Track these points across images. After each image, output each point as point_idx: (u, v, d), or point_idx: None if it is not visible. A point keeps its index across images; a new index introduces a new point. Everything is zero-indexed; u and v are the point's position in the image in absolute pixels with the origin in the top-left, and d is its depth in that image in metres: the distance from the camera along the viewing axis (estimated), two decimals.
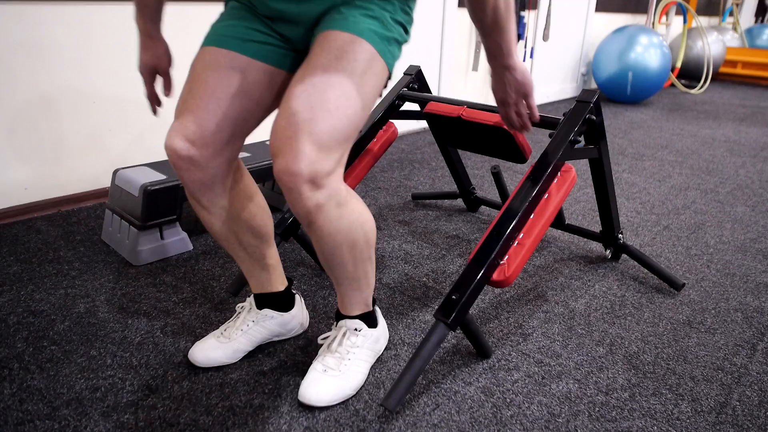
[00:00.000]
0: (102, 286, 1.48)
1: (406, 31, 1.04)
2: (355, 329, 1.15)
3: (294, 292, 1.27)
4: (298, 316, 1.27)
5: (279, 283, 1.22)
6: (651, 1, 4.86)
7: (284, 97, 0.92)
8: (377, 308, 1.23)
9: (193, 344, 1.25)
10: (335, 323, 1.18)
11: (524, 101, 1.11)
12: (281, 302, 1.23)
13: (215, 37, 1.00)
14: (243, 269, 1.19)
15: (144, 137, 2.13)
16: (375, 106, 1.79)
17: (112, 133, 2.04)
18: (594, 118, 1.32)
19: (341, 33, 0.93)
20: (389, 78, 1.04)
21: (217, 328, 1.30)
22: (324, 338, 1.19)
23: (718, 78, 6.10)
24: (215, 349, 1.17)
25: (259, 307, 1.22)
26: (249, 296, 1.38)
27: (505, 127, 1.39)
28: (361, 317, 1.16)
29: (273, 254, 1.19)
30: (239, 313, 1.23)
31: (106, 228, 1.73)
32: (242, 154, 1.88)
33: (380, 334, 1.21)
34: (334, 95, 0.89)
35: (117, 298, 1.42)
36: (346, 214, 0.96)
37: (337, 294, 1.14)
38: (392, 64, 1.01)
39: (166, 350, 1.22)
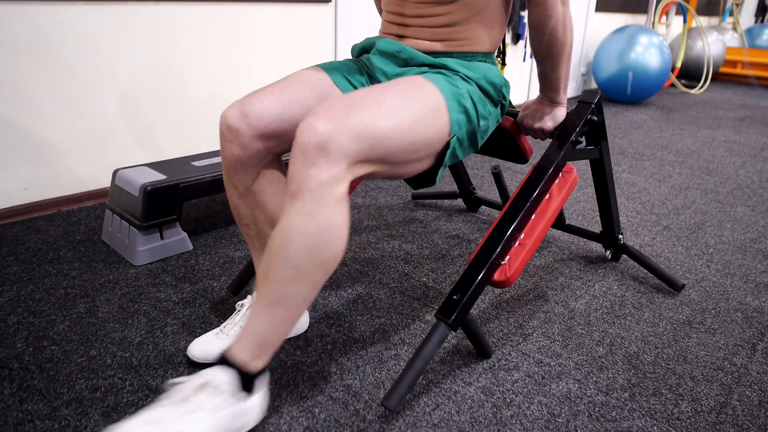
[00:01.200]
0: (102, 286, 1.48)
1: (480, 119, 1.11)
2: (220, 386, 0.88)
3: None
4: None
5: None
6: (651, 1, 4.86)
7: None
8: (267, 377, 1.04)
9: None
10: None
11: (543, 132, 1.31)
12: None
13: (325, 64, 1.15)
14: (254, 260, 1.19)
15: (144, 137, 2.13)
16: None
17: (112, 133, 2.04)
18: (595, 118, 1.32)
19: (414, 76, 1.02)
20: (449, 147, 1.05)
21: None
22: (176, 383, 0.91)
23: (719, 78, 6.10)
24: (213, 344, 1.17)
25: None
26: (250, 294, 1.37)
27: (507, 127, 1.39)
28: (241, 371, 0.90)
29: None
30: (239, 310, 1.24)
31: (106, 228, 1.73)
32: None
33: (249, 410, 0.92)
34: (382, 97, 0.93)
35: (117, 298, 1.42)
36: (324, 217, 0.86)
37: (245, 323, 0.93)
38: (455, 127, 1.04)
39: (167, 350, 1.22)
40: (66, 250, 1.67)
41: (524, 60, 3.90)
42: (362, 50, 1.21)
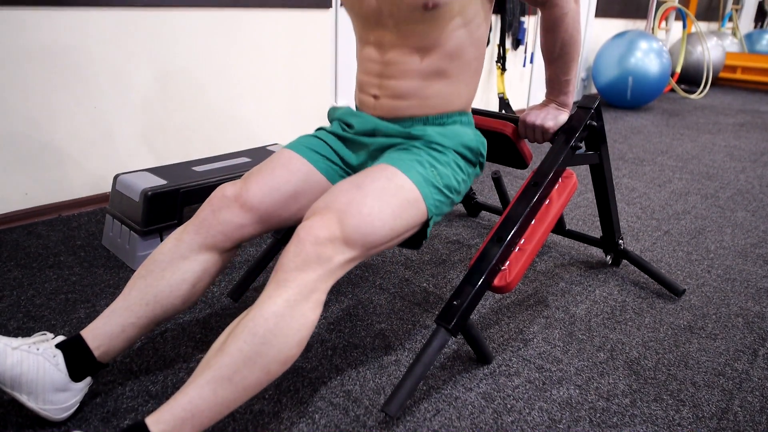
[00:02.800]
0: (102, 291, 1.48)
1: (455, 191, 1.13)
2: None
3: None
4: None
5: (104, 350, 1.03)
6: (650, 7, 4.88)
7: (327, 191, 1.03)
8: None
9: (193, 349, 1.24)
10: None
11: (543, 131, 1.32)
12: (84, 362, 1.02)
13: (298, 144, 1.19)
14: (116, 305, 1.05)
15: (145, 142, 2.13)
16: None
17: (113, 138, 2.04)
18: (595, 123, 1.33)
19: (390, 166, 1.06)
20: (427, 224, 1.10)
21: (218, 335, 1.30)
22: None
23: (718, 83, 6.11)
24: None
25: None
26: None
27: (507, 133, 1.40)
28: None
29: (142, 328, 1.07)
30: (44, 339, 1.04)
31: (106, 233, 1.73)
32: (242, 159, 1.88)
33: None
34: (371, 203, 0.98)
35: None
36: (302, 310, 0.90)
37: (178, 393, 0.87)
38: (432, 211, 1.09)
39: (167, 356, 1.22)
40: (66, 255, 1.67)
41: (524, 65, 3.91)
42: (339, 119, 1.25)
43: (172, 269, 1.06)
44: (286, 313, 0.88)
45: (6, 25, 1.72)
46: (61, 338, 1.02)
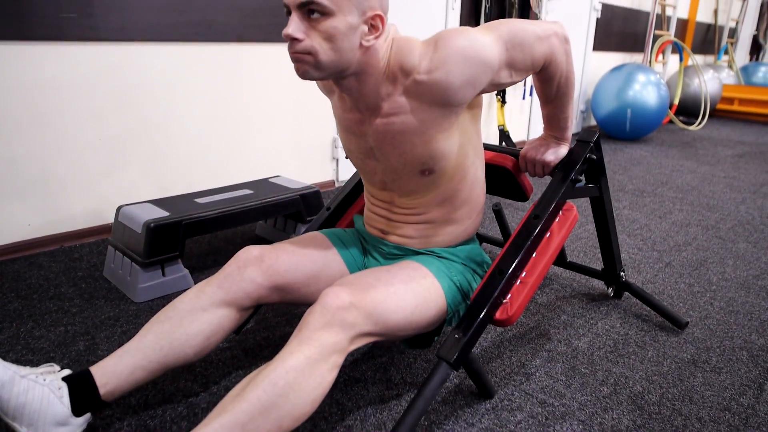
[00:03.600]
0: (102, 323, 1.47)
1: (468, 296, 1.19)
2: None
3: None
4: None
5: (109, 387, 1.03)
6: (647, 40, 4.97)
7: (353, 274, 1.07)
8: None
9: (192, 383, 1.23)
10: None
11: (543, 165, 1.34)
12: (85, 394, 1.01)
13: (329, 231, 1.29)
14: (129, 345, 1.06)
15: (149, 173, 2.15)
16: None
17: (117, 169, 2.06)
18: (594, 157, 1.34)
19: (415, 262, 1.13)
20: (445, 322, 1.16)
21: (218, 370, 1.29)
22: None
23: (716, 114, 6.18)
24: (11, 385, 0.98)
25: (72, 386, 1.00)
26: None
27: (508, 167, 1.41)
28: None
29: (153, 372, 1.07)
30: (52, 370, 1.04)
31: (108, 264, 1.73)
32: (244, 191, 1.90)
33: None
34: (397, 285, 1.04)
35: (117, 335, 1.42)
36: (320, 370, 0.91)
37: None
38: (452, 306, 1.14)
39: (165, 390, 1.21)
40: (67, 287, 1.66)
41: (524, 98, 3.96)
42: (358, 230, 1.33)
43: (191, 319, 1.08)
44: (306, 370, 0.90)
45: (15, 58, 1.76)
46: (67, 371, 1.02)
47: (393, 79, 1.01)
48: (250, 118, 2.42)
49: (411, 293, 1.05)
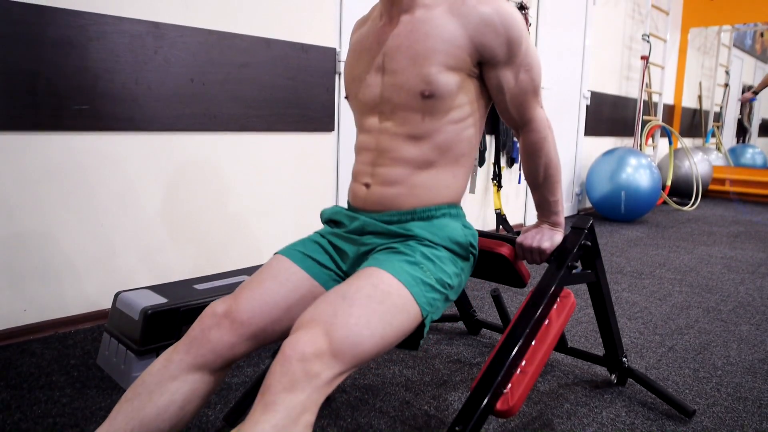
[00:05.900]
0: (93, 414, 1.43)
1: (448, 285, 1.14)
2: None
3: None
4: None
5: None
6: (636, 125, 5.15)
7: (314, 303, 1.01)
8: None
9: None
10: None
11: (540, 252, 1.32)
12: None
13: (289, 249, 1.21)
14: (115, 415, 1.02)
15: (148, 259, 2.16)
16: None
17: (115, 255, 2.07)
18: (589, 243, 1.36)
19: (377, 269, 1.05)
20: (423, 325, 1.09)
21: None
22: None
23: (708, 195, 6.29)
24: None
25: None
26: None
27: (505, 254, 1.43)
28: None
29: None
30: None
31: (102, 352, 1.70)
32: (243, 277, 1.90)
33: None
34: (358, 312, 0.97)
35: None
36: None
37: None
38: (426, 309, 1.08)
39: None
40: (59, 375, 1.63)
41: (519, 182, 4.05)
42: (329, 219, 1.30)
43: (160, 391, 1.03)
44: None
45: (14, 147, 1.82)
46: None
47: None
48: (251, 203, 2.46)
49: (375, 315, 0.98)
